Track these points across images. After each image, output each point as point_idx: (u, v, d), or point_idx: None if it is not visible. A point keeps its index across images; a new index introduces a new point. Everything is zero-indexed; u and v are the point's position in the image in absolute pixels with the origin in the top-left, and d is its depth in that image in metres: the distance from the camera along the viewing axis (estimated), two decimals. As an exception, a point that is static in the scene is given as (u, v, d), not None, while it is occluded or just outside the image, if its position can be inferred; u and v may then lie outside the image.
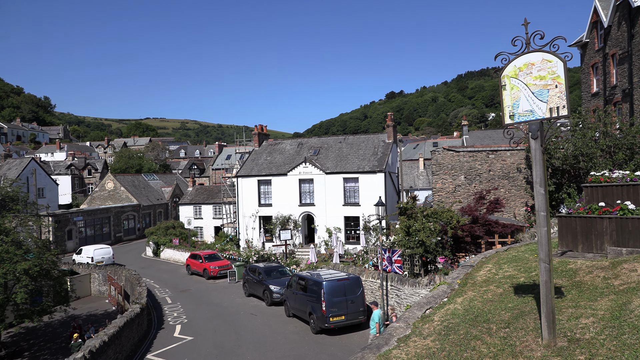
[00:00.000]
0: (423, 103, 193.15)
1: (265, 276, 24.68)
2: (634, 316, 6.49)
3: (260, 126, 42.39)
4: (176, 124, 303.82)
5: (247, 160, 39.67)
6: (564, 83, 6.40)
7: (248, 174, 37.65)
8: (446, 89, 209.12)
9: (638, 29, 25.63)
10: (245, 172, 38.02)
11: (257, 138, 41.49)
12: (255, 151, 40.83)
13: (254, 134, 41.91)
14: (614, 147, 21.67)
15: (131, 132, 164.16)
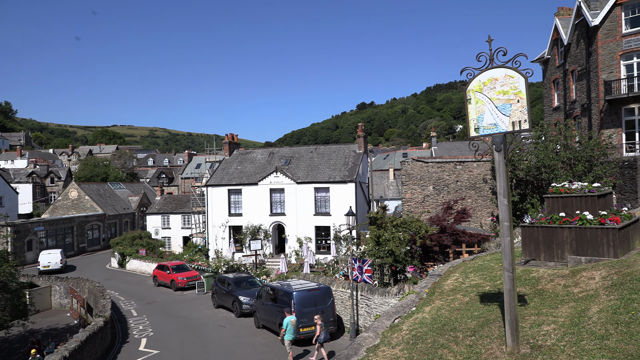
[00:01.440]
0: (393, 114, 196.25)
1: (234, 287, 24.36)
2: (592, 323, 6.74)
3: (231, 135, 42.10)
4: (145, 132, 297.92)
5: (218, 169, 39.25)
6: (525, 98, 6.66)
7: (218, 183, 37.22)
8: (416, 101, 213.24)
9: (595, 47, 26.90)
10: (215, 181, 37.59)
11: (227, 147, 41.16)
12: (226, 160, 40.46)
13: (224, 143, 41.58)
14: (574, 159, 22.57)
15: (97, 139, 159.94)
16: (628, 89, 25.70)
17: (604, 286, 7.94)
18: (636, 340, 5.89)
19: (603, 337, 6.22)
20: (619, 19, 25.97)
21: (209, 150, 50.58)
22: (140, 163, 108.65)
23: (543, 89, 36.05)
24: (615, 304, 7.07)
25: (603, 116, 26.60)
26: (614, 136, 26.03)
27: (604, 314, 6.89)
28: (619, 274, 8.21)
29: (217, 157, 45.48)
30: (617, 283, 7.85)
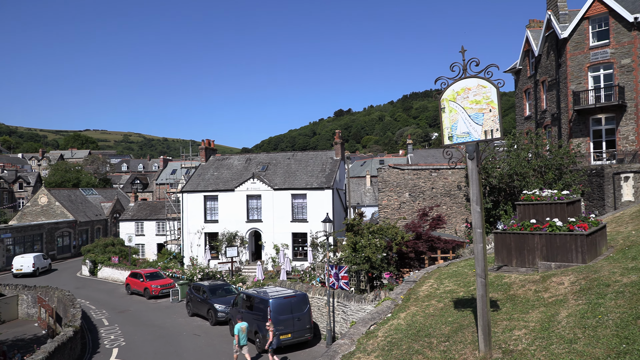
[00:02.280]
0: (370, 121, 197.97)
1: (210, 295, 24.03)
2: (561, 327, 6.91)
3: (208, 141, 41.71)
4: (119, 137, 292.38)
5: (194, 175, 38.78)
6: (497, 107, 6.83)
7: (194, 189, 36.77)
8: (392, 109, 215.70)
9: (564, 58, 27.80)
10: (191, 187, 37.12)
11: (204, 153, 40.74)
12: (202, 166, 40.03)
13: (201, 149, 41.15)
14: (544, 167, 23.19)
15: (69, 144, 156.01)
16: (595, 100, 26.62)
17: (573, 291, 8.16)
18: (602, 344, 6.07)
19: (571, 341, 6.39)
20: (586, 32, 26.93)
21: (184, 156, 49.97)
22: (114, 168, 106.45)
23: (515, 99, 37.00)
24: (583, 309, 7.27)
25: (572, 126, 27.45)
26: (583, 145, 26.89)
27: (573, 318, 7.07)
28: (587, 279, 8.45)
29: (193, 163, 44.97)
30: (585, 288, 8.07)
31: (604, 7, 26.18)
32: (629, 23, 25.38)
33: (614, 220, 15.27)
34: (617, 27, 25.89)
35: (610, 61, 26.17)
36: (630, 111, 25.57)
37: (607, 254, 10.19)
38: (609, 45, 26.17)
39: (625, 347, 5.80)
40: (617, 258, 9.47)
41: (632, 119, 25.54)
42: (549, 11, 29.27)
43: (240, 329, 16.42)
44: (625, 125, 25.78)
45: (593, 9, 26.60)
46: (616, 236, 12.08)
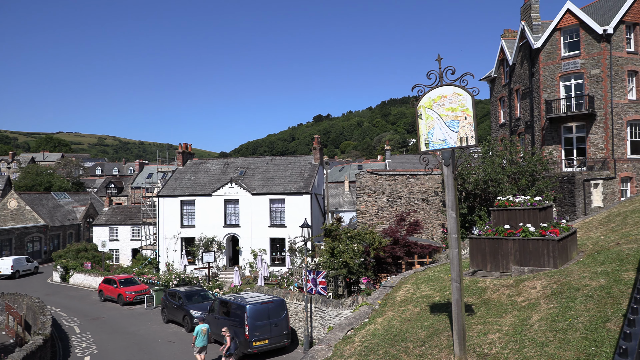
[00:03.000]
0: (349, 127, 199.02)
1: (185, 301, 23.68)
2: (533, 330, 7.06)
3: (185, 144, 41.24)
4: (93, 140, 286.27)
5: (170, 180, 38.25)
6: (472, 115, 6.96)
7: (170, 194, 36.26)
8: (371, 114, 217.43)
9: (537, 68, 28.56)
10: (167, 191, 36.59)
11: (181, 157, 40.25)
12: (179, 170, 39.53)
13: (177, 153, 40.64)
14: (518, 173, 23.73)
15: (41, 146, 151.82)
16: (567, 109, 27.41)
17: (545, 295, 8.35)
18: (572, 347, 6.22)
19: (543, 344, 6.53)
20: (558, 43, 27.75)
21: (161, 159, 49.27)
22: (88, 172, 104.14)
23: (490, 106, 37.79)
24: (554, 312, 7.44)
25: (544, 133, 28.18)
26: (555, 152, 27.63)
27: (544, 322, 7.23)
28: (558, 283, 8.66)
29: (169, 167, 44.39)
30: (556, 292, 8.27)
31: (575, 19, 27.04)
32: (599, 35, 26.26)
33: (584, 225, 15.70)
34: (587, 38, 26.76)
35: (581, 71, 27.01)
36: (599, 120, 26.41)
37: (577, 259, 10.46)
38: (579, 56, 27.01)
39: (594, 350, 5.96)
40: (586, 263, 9.73)
41: (601, 127, 26.38)
42: (522, 22, 30.05)
43: (201, 330, 16.69)
44: (595, 133, 26.60)
45: (565, 20, 27.44)
46: (586, 241, 12.42)
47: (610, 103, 26.18)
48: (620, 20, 26.34)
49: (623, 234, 11.85)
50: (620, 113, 26.49)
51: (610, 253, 9.91)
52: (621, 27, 26.56)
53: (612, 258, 9.39)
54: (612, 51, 26.31)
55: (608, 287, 7.69)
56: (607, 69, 26.23)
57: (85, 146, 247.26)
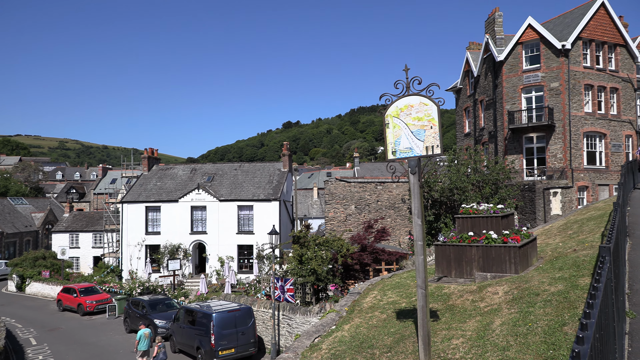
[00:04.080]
0: (318, 134, 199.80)
1: (149, 310, 23.07)
2: (495, 335, 7.24)
3: (151, 149, 40.37)
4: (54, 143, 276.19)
5: (135, 185, 37.32)
6: (438, 125, 7.13)
7: (135, 200, 35.36)
8: (340, 122, 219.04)
9: (500, 80, 29.53)
10: (132, 197, 35.67)
11: (146, 162, 39.35)
12: (144, 175, 38.62)
13: (143, 158, 39.71)
14: (482, 182, 24.37)
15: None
16: (528, 120, 28.42)
17: (506, 300, 8.58)
18: (532, 350, 6.41)
19: (504, 349, 6.70)
20: (520, 56, 28.80)
21: (125, 164, 47.98)
22: (48, 177, 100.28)
23: (456, 116, 38.77)
24: (515, 317, 7.66)
25: (507, 143, 29.10)
26: (517, 162, 28.56)
27: (506, 326, 7.43)
28: (519, 288, 8.92)
29: (134, 172, 43.26)
30: (517, 297, 8.52)
31: (536, 34, 28.15)
32: (558, 50, 27.42)
33: (544, 232, 16.27)
34: (547, 52, 27.90)
35: (541, 84, 28.10)
36: (558, 131, 27.51)
37: (537, 265, 10.81)
38: (540, 69, 28.11)
39: (552, 353, 6.16)
40: (546, 268, 10.07)
41: (560, 138, 27.48)
42: (487, 35, 31.05)
43: (143, 335, 17.01)
44: (554, 144, 27.67)
45: (526, 35, 28.53)
46: (545, 247, 12.87)
47: (568, 115, 27.33)
48: (577, 37, 27.60)
49: (580, 240, 12.34)
50: (578, 125, 27.68)
51: (567, 259, 10.30)
52: (578, 42, 27.83)
53: (570, 264, 9.76)
54: (570, 65, 27.51)
55: (565, 292, 7.98)
56: (566, 83, 27.39)
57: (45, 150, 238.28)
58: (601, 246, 3.58)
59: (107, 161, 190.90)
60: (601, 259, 3.40)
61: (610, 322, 3.48)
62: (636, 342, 5.73)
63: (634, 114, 29.85)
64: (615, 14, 28.93)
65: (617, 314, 4.59)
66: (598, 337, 2.67)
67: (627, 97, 29.49)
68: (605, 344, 3.10)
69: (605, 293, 3.13)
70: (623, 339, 5.49)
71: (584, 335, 2.10)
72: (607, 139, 28.54)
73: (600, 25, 28.57)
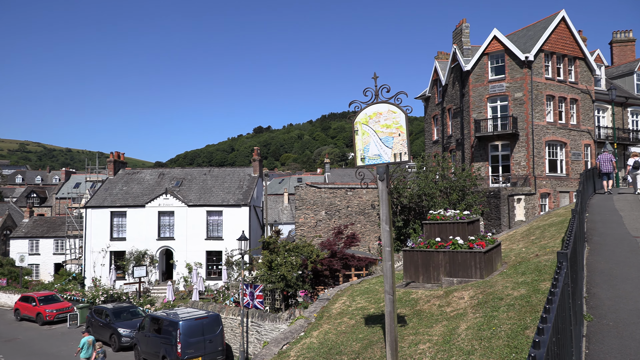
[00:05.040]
0: (289, 139, 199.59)
1: (113, 318, 22.39)
2: (460, 339, 7.37)
3: (117, 153, 39.37)
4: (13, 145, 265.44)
5: (100, 190, 36.27)
6: (406, 132, 7.24)
7: (100, 205, 34.35)
8: (311, 128, 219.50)
9: (467, 89, 30.30)
10: (96, 202, 34.64)
11: (112, 166, 38.32)
12: (110, 180, 37.60)
13: (109, 161, 38.67)
14: (449, 188, 24.88)
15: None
16: (493, 128, 29.24)
17: (471, 305, 8.76)
18: (495, 354, 6.56)
19: (469, 353, 6.83)
20: (486, 67, 29.65)
21: (90, 168, 46.61)
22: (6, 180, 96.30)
23: (425, 124, 39.49)
24: (479, 321, 7.83)
25: (474, 151, 29.83)
26: (483, 169, 29.29)
27: (471, 330, 7.58)
28: (484, 293, 9.13)
29: (99, 176, 42.13)
30: (482, 302, 8.71)
31: (501, 45, 29.06)
32: (521, 61, 28.37)
33: (508, 238, 16.72)
34: (512, 64, 28.82)
35: (506, 94, 28.98)
36: (522, 140, 28.40)
37: (501, 270, 11.09)
38: (504, 80, 29.00)
39: (515, 356, 6.32)
40: (509, 273, 10.34)
41: (524, 146, 28.38)
42: (454, 45, 31.83)
43: (86, 342, 17.15)
44: (518, 152, 28.54)
45: (492, 46, 29.40)
46: (509, 253, 13.22)
47: (531, 124, 28.26)
48: (540, 49, 28.63)
49: (542, 246, 12.73)
50: (540, 134, 28.65)
51: (530, 264, 10.61)
52: (541, 55, 28.88)
53: (532, 269, 10.05)
54: (533, 77, 28.50)
55: (528, 297, 8.21)
56: (529, 93, 28.34)
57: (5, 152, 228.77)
58: (559, 252, 3.71)
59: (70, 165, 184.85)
60: (558, 265, 3.52)
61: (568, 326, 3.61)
62: (593, 345, 5.94)
63: (592, 124, 31.16)
64: (574, 28, 30.20)
65: (575, 317, 4.75)
66: (555, 340, 2.75)
67: (585, 108, 30.76)
68: (563, 347, 3.20)
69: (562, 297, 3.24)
70: (581, 341, 5.68)
71: (540, 339, 2.16)
72: (567, 148, 29.65)
73: (561, 39, 29.75)
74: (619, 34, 39.69)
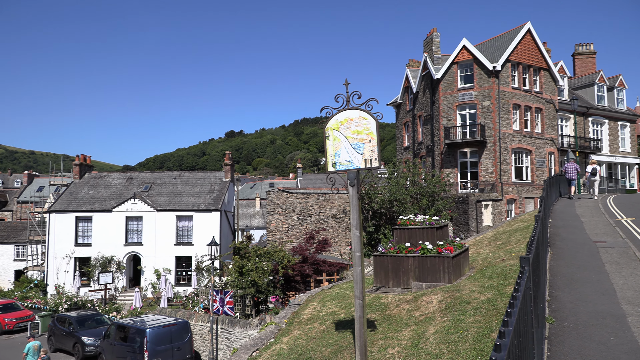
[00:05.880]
0: (262, 144, 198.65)
1: (77, 326, 21.66)
2: (429, 343, 7.48)
3: (83, 156, 38.29)
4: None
5: (65, 194, 35.15)
6: (376, 138, 7.33)
7: (64, 209, 33.28)
8: (284, 133, 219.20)
9: (437, 97, 30.91)
10: (60, 206, 33.55)
11: (78, 169, 37.22)
12: (75, 184, 36.50)
13: (74, 165, 37.53)
14: (420, 194, 25.25)
15: None
16: (462, 135, 29.90)
17: (440, 309, 8.91)
18: (462, 357, 6.68)
19: (437, 356, 6.94)
20: (455, 75, 30.34)
21: (54, 171, 45.12)
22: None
23: (396, 130, 40.03)
24: (447, 325, 7.96)
25: (443, 157, 30.42)
26: (452, 175, 29.89)
27: (439, 334, 7.70)
28: (452, 297, 9.29)
29: (64, 180, 40.82)
30: (450, 306, 8.87)
31: (470, 55, 29.81)
32: (489, 70, 29.17)
33: (476, 243, 17.09)
34: (480, 73, 29.60)
35: (474, 102, 29.72)
36: (489, 147, 29.15)
37: (469, 274, 11.32)
38: (473, 88, 29.74)
39: (480, 359, 6.46)
40: (476, 277, 10.57)
41: (491, 153, 29.12)
42: (425, 53, 32.47)
43: (32, 347, 16.88)
44: (485, 159, 29.27)
45: (461, 55, 30.13)
46: (477, 257, 13.51)
47: (498, 132, 29.05)
48: (507, 59, 29.52)
49: (507, 250, 13.08)
50: (507, 141, 29.48)
51: (496, 268, 10.87)
52: (508, 65, 29.78)
53: (498, 273, 10.30)
54: (500, 86, 29.34)
55: (493, 300, 8.41)
56: (496, 102, 29.14)
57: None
58: (521, 257, 3.82)
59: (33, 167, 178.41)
60: (521, 270, 3.63)
61: (529, 329, 3.71)
62: (555, 346, 6.13)
63: (556, 132, 32.29)
64: (540, 40, 31.29)
65: (537, 320, 4.89)
66: (516, 343, 2.83)
67: (550, 117, 31.85)
68: (524, 350, 3.30)
69: (524, 301, 3.34)
70: (543, 343, 5.85)
71: (501, 342, 2.22)
72: (532, 155, 30.60)
73: (527, 50, 30.76)
74: (581, 47, 41.36)
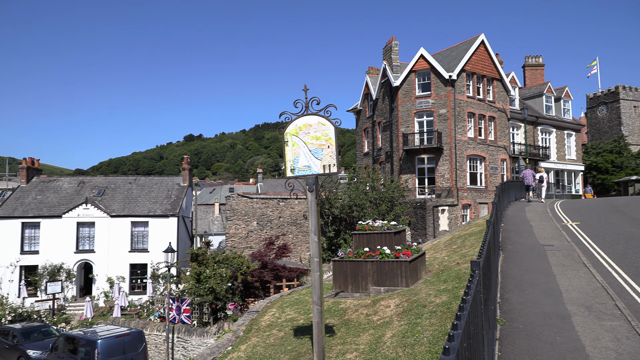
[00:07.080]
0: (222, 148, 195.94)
1: (21, 339, 20.49)
2: (386, 347, 7.56)
3: (31, 159, 36.45)
4: None
5: (10, 199, 33.31)
6: (335, 144, 7.38)
7: (9, 215, 31.53)
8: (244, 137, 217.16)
9: (396, 104, 31.54)
10: (5, 212, 31.76)
11: (25, 173, 35.36)
12: (22, 188, 34.67)
13: (21, 168, 35.66)
14: (379, 199, 25.63)
15: None
16: (420, 142, 30.62)
17: (397, 313, 9.04)
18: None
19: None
20: (414, 83, 31.08)
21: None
22: None
23: (356, 136, 40.51)
24: (404, 329, 8.08)
25: (402, 163, 31.03)
26: (410, 180, 30.52)
27: (396, 338, 7.80)
28: (409, 301, 9.45)
29: (10, 184, 38.71)
30: (407, 309, 9.01)
31: (427, 64, 30.64)
32: (446, 79, 30.08)
33: (433, 247, 17.50)
34: (437, 81, 30.46)
35: (432, 110, 30.53)
36: (445, 153, 29.99)
37: (426, 278, 11.56)
38: (430, 96, 30.56)
39: (436, 361, 6.59)
40: (432, 281, 10.81)
41: (447, 160, 29.97)
42: (384, 61, 33.09)
43: None
44: (442, 165, 30.09)
45: (419, 64, 30.91)
46: (433, 261, 13.82)
47: (454, 139, 29.95)
48: (462, 69, 30.55)
49: (462, 254, 13.45)
50: (462, 148, 30.44)
51: (451, 272, 11.16)
52: (463, 74, 30.81)
53: (453, 276, 10.57)
54: (456, 94, 30.30)
55: (448, 303, 8.62)
56: (452, 110, 30.06)
57: None
58: (472, 261, 3.94)
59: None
60: (472, 273, 3.74)
61: (480, 331, 3.82)
62: (505, 347, 6.34)
63: (508, 140, 33.64)
64: (492, 51, 32.58)
65: (488, 322, 5.05)
66: (467, 345, 2.91)
67: (502, 126, 33.16)
68: (475, 352, 3.39)
69: (474, 304, 3.43)
70: (494, 344, 6.04)
71: (450, 345, 2.27)
72: (486, 162, 31.73)
73: (481, 61, 31.95)
74: (531, 59, 43.39)
